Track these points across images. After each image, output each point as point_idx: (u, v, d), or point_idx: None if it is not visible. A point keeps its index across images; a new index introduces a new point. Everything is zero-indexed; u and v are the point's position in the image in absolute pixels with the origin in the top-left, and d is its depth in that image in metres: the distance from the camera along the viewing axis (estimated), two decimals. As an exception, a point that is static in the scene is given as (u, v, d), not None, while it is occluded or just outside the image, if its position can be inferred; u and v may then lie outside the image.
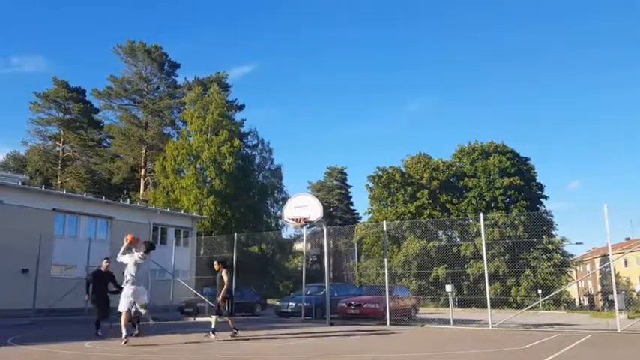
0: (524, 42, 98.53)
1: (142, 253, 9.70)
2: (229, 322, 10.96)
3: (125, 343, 9.14)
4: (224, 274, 10.99)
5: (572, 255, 41.32)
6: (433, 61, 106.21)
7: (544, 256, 37.14)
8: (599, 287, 53.88)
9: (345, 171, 71.06)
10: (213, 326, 10.66)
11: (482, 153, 46.17)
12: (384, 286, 15.91)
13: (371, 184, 47.30)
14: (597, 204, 15.90)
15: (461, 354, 8.46)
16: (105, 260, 11.56)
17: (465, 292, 34.23)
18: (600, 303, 44.67)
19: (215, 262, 11.51)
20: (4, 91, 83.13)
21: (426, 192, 43.93)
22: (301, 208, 15.22)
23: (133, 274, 9.55)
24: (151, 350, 8.74)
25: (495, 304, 22.12)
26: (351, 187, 71.75)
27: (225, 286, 10.86)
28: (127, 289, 9.52)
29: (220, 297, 10.87)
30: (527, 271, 36.10)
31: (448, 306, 16.24)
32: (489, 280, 15.30)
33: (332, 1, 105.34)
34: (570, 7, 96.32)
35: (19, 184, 24.06)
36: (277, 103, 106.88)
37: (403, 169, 46.86)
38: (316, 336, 11.48)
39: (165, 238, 28.81)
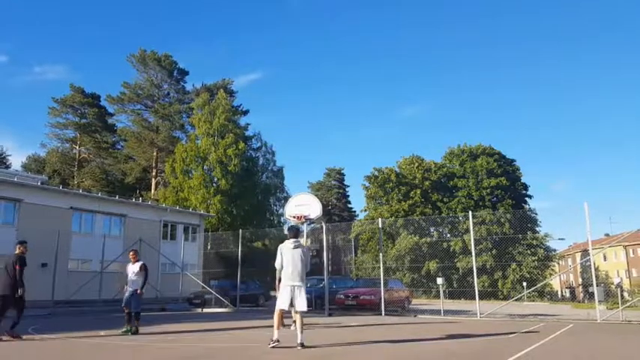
0: (516, 48, 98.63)
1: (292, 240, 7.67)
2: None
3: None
4: None
5: (554, 250, 41.39)
6: (427, 69, 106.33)
7: (529, 251, 37.16)
8: (580, 280, 53.87)
9: (342, 172, 71.20)
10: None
11: (471, 155, 46.19)
12: (379, 279, 15.93)
13: (367, 184, 47.35)
14: (578, 202, 15.91)
15: (452, 342, 8.47)
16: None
17: (454, 284, 34.25)
18: (581, 295, 44.64)
19: None
20: (25, 97, 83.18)
21: (418, 191, 43.99)
22: (302, 206, 15.26)
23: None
24: (165, 339, 8.73)
25: (483, 296, 22.13)
26: (348, 186, 71.89)
27: None
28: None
29: None
30: (513, 265, 36.14)
31: (439, 298, 16.23)
32: (477, 274, 15.33)
33: (331, 13, 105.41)
34: (558, 15, 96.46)
35: (39, 184, 24.02)
36: (280, 108, 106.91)
37: (397, 170, 46.90)
38: (315, 325, 11.47)
39: (174, 235, 28.83)
